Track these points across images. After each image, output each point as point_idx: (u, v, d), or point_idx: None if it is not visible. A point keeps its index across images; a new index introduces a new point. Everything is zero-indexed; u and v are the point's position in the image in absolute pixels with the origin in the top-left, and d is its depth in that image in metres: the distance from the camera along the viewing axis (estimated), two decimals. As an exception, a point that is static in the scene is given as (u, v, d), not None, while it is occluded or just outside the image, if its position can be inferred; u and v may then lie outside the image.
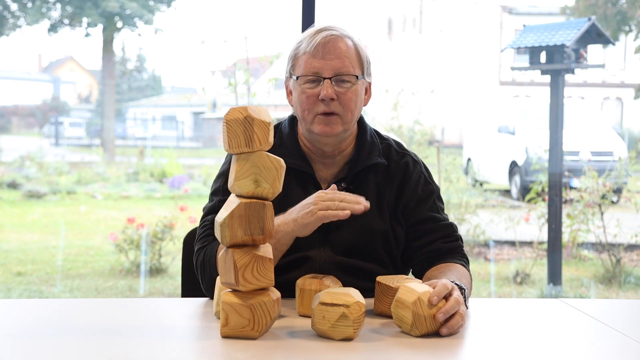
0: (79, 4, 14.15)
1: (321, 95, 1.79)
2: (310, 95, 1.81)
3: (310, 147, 1.90)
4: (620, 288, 5.77)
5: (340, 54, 1.80)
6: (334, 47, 1.80)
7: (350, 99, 1.81)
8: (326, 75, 1.79)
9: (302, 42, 1.84)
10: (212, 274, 1.76)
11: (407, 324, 1.52)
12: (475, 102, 17.01)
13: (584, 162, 7.51)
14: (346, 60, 1.81)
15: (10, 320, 1.61)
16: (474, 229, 6.63)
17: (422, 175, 1.94)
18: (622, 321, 1.77)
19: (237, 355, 1.38)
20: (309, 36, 1.83)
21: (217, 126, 18.46)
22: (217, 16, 32.90)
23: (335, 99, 1.79)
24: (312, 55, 1.80)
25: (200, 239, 1.86)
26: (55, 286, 5.56)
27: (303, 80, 1.81)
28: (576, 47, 5.39)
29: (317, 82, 1.80)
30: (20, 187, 10.31)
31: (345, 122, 1.82)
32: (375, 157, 1.89)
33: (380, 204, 1.88)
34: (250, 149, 1.44)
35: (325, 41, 1.80)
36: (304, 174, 1.87)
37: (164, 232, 5.88)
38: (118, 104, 19.85)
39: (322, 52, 1.80)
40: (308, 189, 1.86)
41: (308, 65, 1.80)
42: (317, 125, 1.82)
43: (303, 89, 1.82)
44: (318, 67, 1.80)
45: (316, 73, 1.80)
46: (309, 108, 1.81)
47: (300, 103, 1.83)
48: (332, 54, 1.80)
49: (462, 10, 21.03)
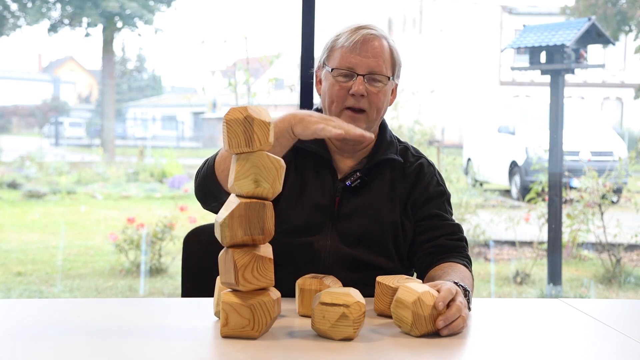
0: (79, 4, 14.14)
1: (352, 90, 1.83)
2: (342, 88, 1.85)
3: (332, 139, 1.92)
4: (620, 288, 5.77)
5: (376, 54, 1.85)
6: (371, 46, 1.85)
7: (379, 98, 1.86)
8: (360, 72, 1.83)
9: (340, 36, 1.87)
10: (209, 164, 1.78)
11: (407, 324, 1.52)
12: (475, 102, 17.00)
13: (584, 162, 7.52)
14: (381, 60, 1.85)
15: (10, 320, 1.61)
16: (474, 229, 6.63)
17: (434, 178, 1.98)
18: (622, 321, 1.77)
19: (237, 355, 1.38)
20: (349, 31, 1.86)
21: (217, 126, 18.46)
22: (217, 16, 32.87)
23: (365, 95, 1.83)
24: (350, 50, 1.84)
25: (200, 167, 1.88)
26: (55, 286, 5.56)
27: (337, 72, 1.85)
28: (576, 47, 5.39)
29: (350, 77, 1.84)
30: (20, 187, 10.31)
31: (370, 120, 1.87)
32: (392, 154, 1.94)
33: (392, 198, 1.91)
34: (250, 149, 1.44)
35: (365, 39, 1.84)
36: (322, 159, 1.91)
37: (164, 232, 5.88)
38: (118, 104, 19.85)
39: (360, 49, 1.84)
40: (324, 175, 1.90)
41: (344, 59, 1.84)
42: (343, 118, 1.84)
43: (336, 81, 1.85)
44: (354, 62, 1.84)
45: (351, 68, 1.84)
46: (338, 100, 1.85)
47: (330, 94, 1.86)
48: (369, 52, 1.84)
49: (462, 10, 21.02)
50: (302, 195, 1.88)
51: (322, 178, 1.90)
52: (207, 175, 1.79)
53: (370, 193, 1.90)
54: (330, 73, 1.86)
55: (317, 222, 1.83)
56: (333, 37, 1.90)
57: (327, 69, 1.88)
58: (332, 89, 1.86)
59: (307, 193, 1.88)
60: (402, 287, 1.55)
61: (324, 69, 1.90)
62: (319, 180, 1.90)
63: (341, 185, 1.90)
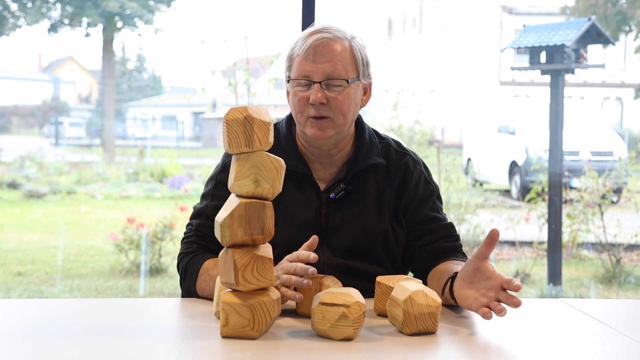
0: (79, 4, 14.15)
1: (310, 99, 1.78)
2: (302, 98, 1.79)
3: (308, 147, 1.88)
4: (620, 288, 5.77)
5: (332, 57, 1.78)
6: (325, 50, 1.78)
7: (342, 102, 1.79)
8: (316, 80, 1.78)
9: (296, 44, 1.82)
10: (190, 287, 1.82)
11: (399, 322, 1.53)
12: (475, 102, 17.00)
13: (584, 162, 7.52)
14: (338, 64, 1.78)
15: (10, 320, 1.61)
16: (474, 229, 6.63)
17: (422, 175, 1.93)
18: (622, 321, 1.76)
19: (237, 355, 1.38)
20: (302, 38, 1.81)
21: (217, 126, 18.47)
22: (217, 16, 32.87)
23: (325, 103, 1.78)
24: (304, 58, 1.78)
25: (184, 242, 1.90)
26: (55, 286, 5.56)
27: (295, 83, 1.80)
28: (576, 47, 5.39)
29: (308, 86, 1.79)
30: (20, 187, 10.31)
31: (337, 125, 1.80)
32: (374, 158, 1.88)
33: (380, 205, 1.87)
34: (250, 149, 1.44)
35: (317, 44, 1.78)
36: (302, 175, 1.86)
37: (164, 232, 5.88)
38: (118, 104, 19.85)
39: (314, 56, 1.78)
40: (306, 190, 1.86)
41: (300, 68, 1.79)
42: (309, 129, 1.81)
43: (295, 92, 1.81)
44: (309, 70, 1.78)
45: (307, 76, 1.78)
46: (301, 111, 1.81)
47: (293, 105, 1.83)
48: (323, 57, 1.78)
49: (462, 10, 21.03)
50: (287, 215, 1.82)
51: (305, 194, 1.85)
52: (187, 288, 1.84)
53: (356, 203, 1.86)
54: (290, 84, 1.82)
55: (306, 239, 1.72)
56: (291, 46, 1.84)
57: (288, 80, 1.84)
58: (294, 100, 1.81)
59: (292, 212, 1.83)
60: (397, 286, 1.56)
61: (286, 81, 1.87)
62: (301, 197, 1.85)
63: (326, 197, 1.85)
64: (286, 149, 1.87)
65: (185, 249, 1.87)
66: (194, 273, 1.81)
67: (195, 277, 1.80)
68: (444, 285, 1.72)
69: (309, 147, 1.88)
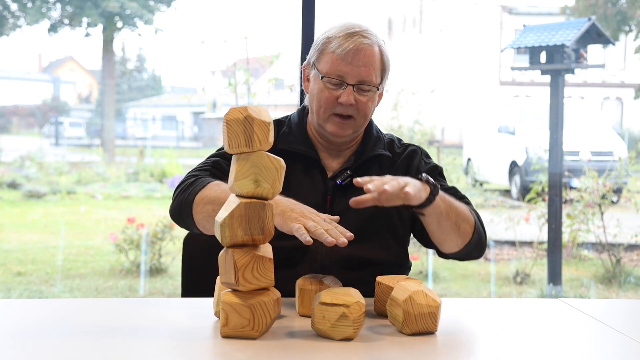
0: (79, 4, 14.14)
1: (341, 99, 1.83)
2: (331, 96, 1.85)
3: (319, 137, 1.95)
4: (620, 288, 5.77)
5: (367, 63, 1.84)
6: (363, 55, 1.83)
7: (367, 106, 1.87)
8: (350, 82, 1.84)
9: (332, 39, 1.85)
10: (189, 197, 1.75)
11: (399, 322, 1.53)
12: (475, 102, 16.99)
13: (584, 162, 7.52)
14: (371, 69, 1.85)
15: (10, 320, 1.61)
16: (474, 229, 6.60)
17: (423, 159, 1.98)
18: (622, 321, 1.77)
19: (237, 355, 1.38)
20: (342, 37, 1.84)
21: (217, 126, 18.46)
22: (217, 16, 32.88)
23: (353, 104, 1.84)
24: (341, 58, 1.83)
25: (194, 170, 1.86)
26: (55, 286, 5.56)
27: (327, 79, 1.85)
28: (576, 47, 5.40)
29: (339, 85, 1.84)
30: (20, 187, 10.30)
31: (357, 125, 1.88)
32: (380, 149, 1.95)
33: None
34: (250, 149, 1.44)
35: (358, 48, 1.83)
36: (310, 159, 1.91)
37: (164, 232, 5.88)
38: (118, 104, 19.84)
39: (352, 58, 1.83)
40: (313, 175, 1.91)
41: (335, 66, 1.84)
42: (330, 125, 1.87)
43: (325, 87, 1.85)
44: (345, 71, 1.83)
45: (341, 77, 1.84)
46: (327, 107, 1.86)
47: (319, 100, 1.87)
48: (360, 61, 1.83)
49: (462, 10, 21.02)
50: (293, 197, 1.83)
51: (312, 178, 1.90)
52: (184, 207, 1.76)
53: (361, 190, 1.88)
54: (320, 78, 1.86)
55: None
56: (324, 38, 1.88)
57: (317, 73, 1.87)
58: (320, 95, 1.86)
59: (298, 194, 1.83)
60: (397, 286, 1.57)
61: (313, 69, 1.90)
62: (308, 180, 1.89)
63: (332, 184, 1.90)
64: (297, 135, 1.94)
65: (195, 172, 1.84)
66: (200, 185, 1.76)
67: (201, 188, 1.75)
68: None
69: (319, 138, 1.94)
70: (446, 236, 1.78)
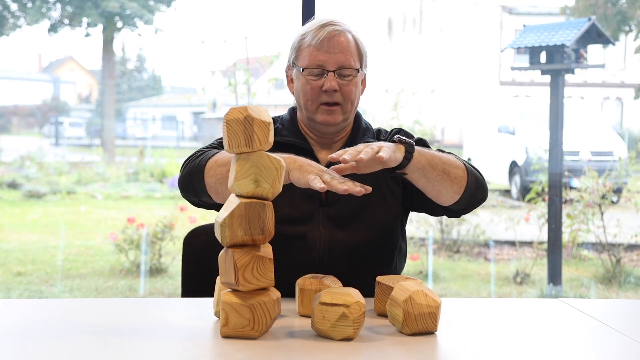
0: (79, 4, 14.14)
1: (325, 86, 1.89)
2: (315, 87, 1.90)
3: (309, 131, 2.00)
4: (620, 288, 5.77)
5: (343, 49, 1.90)
6: (337, 41, 1.90)
7: (351, 90, 1.91)
8: (330, 68, 1.89)
9: (306, 35, 1.92)
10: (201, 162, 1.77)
11: (399, 322, 1.53)
12: (475, 102, 17.00)
13: (584, 162, 7.51)
14: (348, 54, 1.90)
15: (10, 320, 1.61)
16: (474, 229, 6.63)
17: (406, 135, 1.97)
18: (622, 321, 1.77)
19: (237, 355, 1.38)
20: (314, 30, 1.92)
21: (217, 126, 18.45)
22: (217, 16, 32.88)
23: (337, 90, 1.89)
24: (317, 48, 1.89)
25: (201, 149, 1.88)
26: (55, 286, 5.56)
27: (308, 71, 1.90)
28: (576, 47, 5.40)
29: (320, 75, 1.90)
30: (20, 187, 10.30)
31: (345, 111, 1.93)
32: (369, 138, 2.00)
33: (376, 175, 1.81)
34: (250, 149, 1.44)
35: (330, 36, 1.90)
36: (304, 151, 1.94)
37: (164, 232, 5.88)
38: (118, 104, 19.83)
39: (327, 46, 1.89)
40: None
41: (313, 57, 1.90)
42: (320, 115, 1.92)
43: (307, 80, 1.91)
44: (323, 60, 1.89)
45: (320, 66, 1.89)
46: (313, 98, 1.91)
47: (304, 93, 1.92)
48: (335, 48, 1.90)
49: (462, 10, 21.02)
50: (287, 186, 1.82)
51: None
52: (195, 173, 1.78)
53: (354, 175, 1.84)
54: (302, 73, 1.92)
55: (307, 211, 1.87)
56: (299, 37, 1.95)
57: (298, 69, 1.93)
58: (305, 88, 1.92)
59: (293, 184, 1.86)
60: (397, 286, 1.57)
61: (294, 68, 1.96)
62: None
63: None
64: (289, 129, 2.00)
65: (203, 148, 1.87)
66: (211, 154, 1.79)
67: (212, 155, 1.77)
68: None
69: (310, 132, 1.99)
70: (440, 187, 1.76)
